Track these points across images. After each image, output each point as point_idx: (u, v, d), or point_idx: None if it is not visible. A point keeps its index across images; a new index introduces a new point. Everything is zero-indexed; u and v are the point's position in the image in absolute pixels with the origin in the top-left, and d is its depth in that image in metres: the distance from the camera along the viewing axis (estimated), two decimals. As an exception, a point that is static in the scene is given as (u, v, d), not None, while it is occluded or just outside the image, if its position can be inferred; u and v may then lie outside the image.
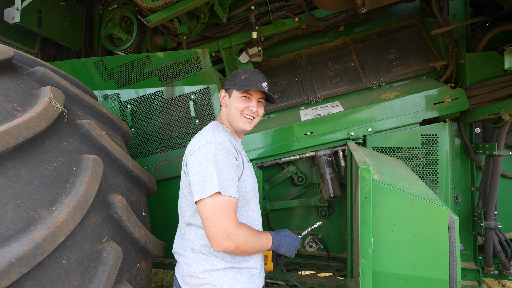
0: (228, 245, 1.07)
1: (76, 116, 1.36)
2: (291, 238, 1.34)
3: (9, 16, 2.22)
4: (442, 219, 1.12)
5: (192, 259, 1.21)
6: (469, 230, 2.00)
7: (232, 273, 1.20)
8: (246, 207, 1.28)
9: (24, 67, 1.34)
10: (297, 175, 2.15)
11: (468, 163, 2.03)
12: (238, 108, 1.30)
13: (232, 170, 1.15)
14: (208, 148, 1.13)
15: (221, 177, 1.09)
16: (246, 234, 1.12)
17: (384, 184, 1.17)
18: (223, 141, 1.18)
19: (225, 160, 1.13)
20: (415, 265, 1.13)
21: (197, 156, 1.14)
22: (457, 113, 1.85)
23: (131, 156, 1.81)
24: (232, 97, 1.32)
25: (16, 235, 0.88)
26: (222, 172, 1.10)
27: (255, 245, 1.15)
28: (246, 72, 1.33)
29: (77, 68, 2.27)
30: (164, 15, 1.93)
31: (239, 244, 1.08)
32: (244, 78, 1.31)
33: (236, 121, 1.32)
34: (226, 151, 1.16)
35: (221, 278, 1.18)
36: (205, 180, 1.09)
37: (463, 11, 2.02)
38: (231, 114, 1.33)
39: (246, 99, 1.31)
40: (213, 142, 1.15)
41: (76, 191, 1.06)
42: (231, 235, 1.07)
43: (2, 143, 0.90)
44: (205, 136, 1.20)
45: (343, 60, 2.34)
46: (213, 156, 1.11)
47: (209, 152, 1.12)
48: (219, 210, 1.06)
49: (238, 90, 1.30)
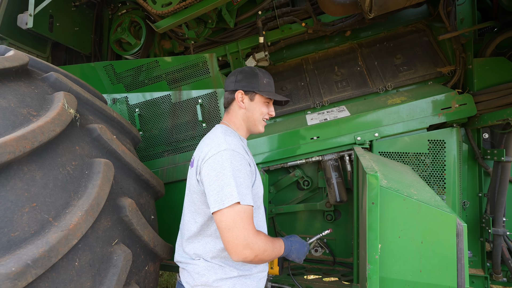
0: (248, 254, 1.04)
1: (88, 121, 1.39)
2: (301, 244, 1.34)
3: (23, 21, 2.27)
4: (450, 226, 1.12)
5: (205, 268, 1.19)
6: (477, 236, 1.98)
7: (243, 280, 1.20)
8: (256, 213, 1.27)
9: (38, 73, 1.38)
10: (303, 179, 2.16)
11: (476, 168, 2.02)
12: (263, 113, 1.32)
13: (247, 178, 1.12)
14: (223, 155, 1.10)
15: (238, 185, 1.06)
16: (264, 242, 1.10)
17: (391, 190, 1.17)
18: (237, 148, 1.15)
19: (241, 167, 1.11)
20: (422, 272, 1.13)
21: (212, 165, 1.10)
22: (465, 118, 1.84)
23: (139, 159, 1.84)
24: (256, 101, 1.31)
25: (31, 238, 0.90)
26: (239, 180, 1.08)
27: (271, 252, 1.14)
28: (265, 75, 1.33)
29: (87, 72, 2.32)
30: (173, 21, 1.96)
31: (258, 253, 1.06)
32: (267, 82, 1.31)
33: (257, 124, 1.33)
34: (241, 158, 1.13)
35: (233, 285, 1.17)
36: (222, 190, 1.06)
37: (471, 16, 2.02)
38: (253, 117, 1.32)
39: (268, 104, 1.35)
40: (228, 149, 1.12)
41: (89, 194, 1.09)
42: (250, 244, 1.04)
43: (19, 148, 0.93)
44: (218, 143, 1.16)
45: (350, 65, 2.35)
46: (230, 164, 1.08)
47: (225, 160, 1.09)
48: (238, 220, 1.04)
49: (264, 96, 1.30)
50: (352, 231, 2.08)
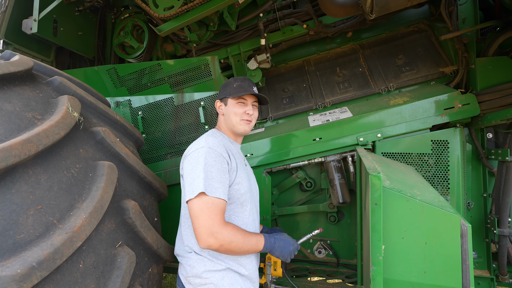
0: (212, 243, 1.12)
1: (92, 124, 1.40)
2: (286, 242, 1.34)
3: (27, 26, 2.31)
4: (454, 226, 1.11)
5: (195, 260, 1.28)
6: (482, 237, 1.97)
7: (232, 274, 1.27)
8: (240, 209, 1.33)
9: (43, 77, 1.40)
10: (306, 181, 2.16)
11: (480, 169, 2.00)
12: (237, 114, 1.40)
13: (222, 173, 1.21)
14: (199, 152, 1.22)
15: (208, 179, 1.16)
16: (231, 233, 1.16)
17: (394, 191, 1.16)
18: (215, 146, 1.25)
19: (215, 163, 1.20)
20: (427, 273, 1.12)
21: (190, 160, 1.24)
22: (468, 118, 1.83)
23: (142, 161, 1.85)
24: (229, 104, 1.43)
25: (36, 240, 0.91)
26: (211, 174, 1.17)
27: (241, 245, 1.19)
28: (237, 80, 1.44)
29: (90, 76, 2.34)
30: (175, 24, 1.97)
31: (223, 243, 1.13)
32: (237, 85, 1.41)
33: (236, 125, 1.42)
34: (217, 155, 1.22)
35: (222, 278, 1.25)
36: (194, 181, 1.17)
37: (473, 16, 2.01)
38: (230, 120, 1.42)
39: (242, 105, 1.42)
40: (205, 147, 1.23)
41: (92, 197, 1.10)
42: (214, 233, 1.12)
43: (24, 151, 0.94)
44: (199, 142, 1.30)
45: (351, 66, 2.35)
46: (204, 159, 1.19)
47: (199, 156, 1.21)
48: (205, 209, 1.13)
49: (233, 98, 1.40)
50: (355, 233, 2.07)
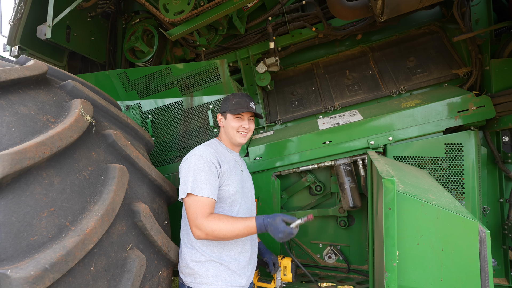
0: (199, 233, 1.30)
1: (103, 127, 1.42)
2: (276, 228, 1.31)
3: (41, 32, 2.37)
4: (472, 232, 1.08)
5: (184, 252, 1.47)
6: (499, 243, 1.90)
7: (216, 266, 1.41)
8: (229, 208, 1.48)
9: (56, 81, 1.42)
10: (315, 185, 2.13)
11: (496, 173, 1.94)
12: (234, 128, 1.58)
13: (211, 176, 1.39)
14: (191, 159, 1.42)
15: (196, 181, 1.35)
16: (213, 222, 1.29)
17: (408, 195, 1.14)
18: (204, 154, 1.44)
19: (203, 168, 1.39)
20: (443, 281, 1.09)
21: (183, 166, 1.45)
22: (483, 121, 1.78)
23: (152, 164, 1.86)
24: (228, 119, 1.60)
25: (49, 242, 0.92)
26: (199, 178, 1.36)
27: (227, 230, 1.30)
28: (236, 96, 1.61)
29: (101, 80, 2.38)
30: (185, 29, 1.99)
31: (208, 232, 1.29)
32: (235, 102, 1.57)
33: (233, 137, 1.60)
34: (206, 161, 1.41)
35: (207, 269, 1.40)
36: (184, 184, 1.37)
37: (486, 16, 1.97)
38: (229, 132, 1.60)
39: (239, 119, 1.59)
40: (196, 155, 1.43)
41: (104, 199, 1.10)
42: (199, 225, 1.29)
43: (39, 154, 0.96)
44: (193, 151, 1.49)
45: (361, 68, 2.32)
46: (194, 165, 1.39)
47: (191, 162, 1.41)
48: (192, 206, 1.33)
49: (231, 114, 1.57)
50: (366, 238, 2.03)
